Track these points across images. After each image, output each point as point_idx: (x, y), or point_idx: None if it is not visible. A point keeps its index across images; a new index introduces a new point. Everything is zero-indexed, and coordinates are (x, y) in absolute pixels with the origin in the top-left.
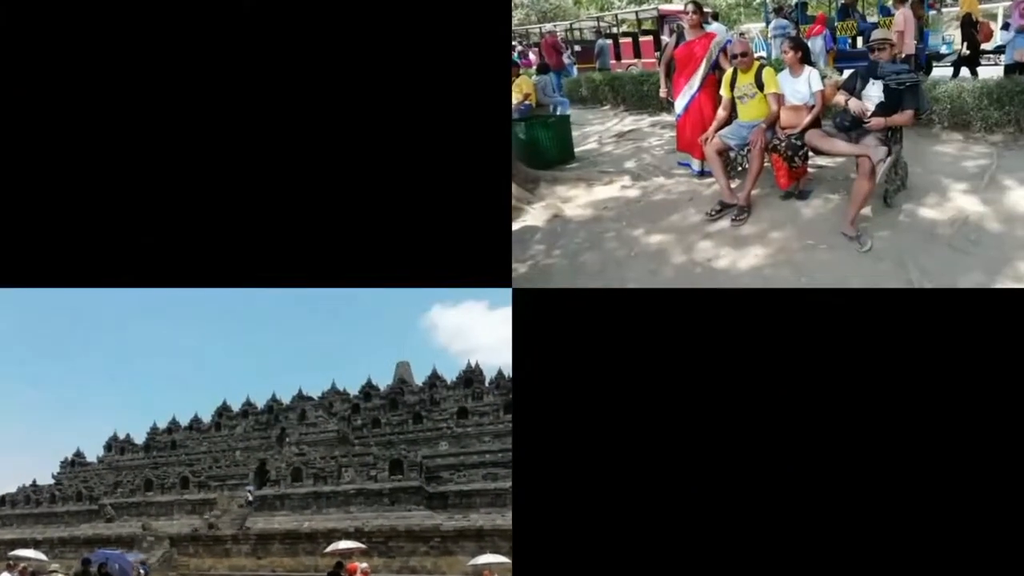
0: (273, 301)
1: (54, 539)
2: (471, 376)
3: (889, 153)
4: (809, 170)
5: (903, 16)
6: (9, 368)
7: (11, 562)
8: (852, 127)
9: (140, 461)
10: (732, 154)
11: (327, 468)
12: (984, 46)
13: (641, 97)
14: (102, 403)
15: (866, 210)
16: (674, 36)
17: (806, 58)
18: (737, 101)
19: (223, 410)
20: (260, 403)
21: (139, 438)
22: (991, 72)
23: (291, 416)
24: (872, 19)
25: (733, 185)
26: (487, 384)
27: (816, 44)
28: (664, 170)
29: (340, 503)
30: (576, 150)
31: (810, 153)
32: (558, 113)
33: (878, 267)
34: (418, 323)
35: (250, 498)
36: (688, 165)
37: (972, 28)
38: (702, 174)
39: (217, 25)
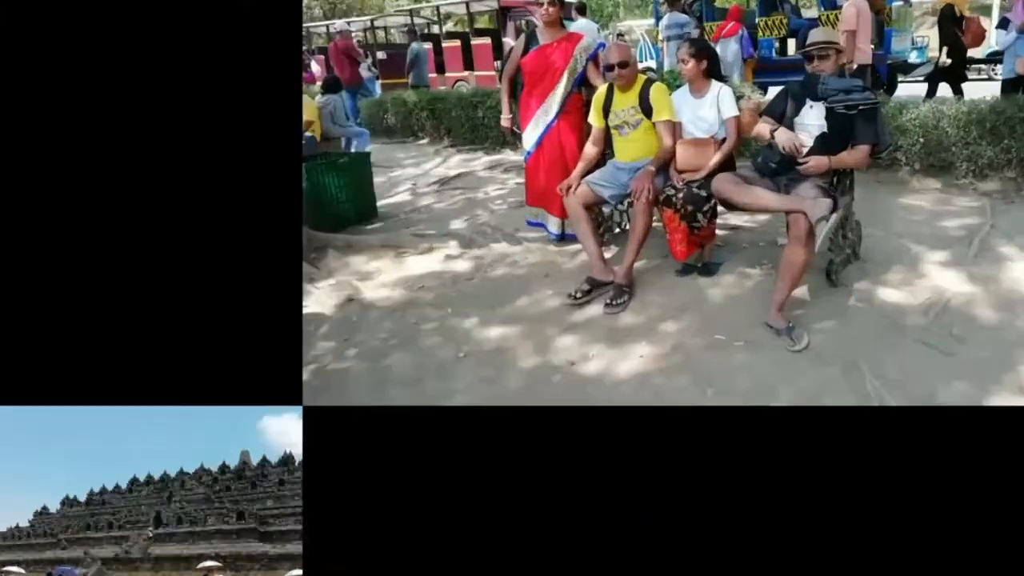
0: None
1: (29, 560)
2: (287, 459)
3: (834, 208)
4: (718, 233)
5: (855, 9)
6: None
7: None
8: (781, 170)
9: (82, 512)
10: (607, 209)
11: (198, 517)
12: (972, 52)
13: (474, 127)
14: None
15: (802, 291)
16: (522, 38)
17: (714, 70)
18: (614, 132)
19: (134, 481)
20: (156, 476)
21: (83, 497)
22: (982, 90)
23: (175, 484)
24: (810, 13)
25: (608, 254)
26: (298, 463)
27: (729, 49)
28: (507, 232)
29: (206, 538)
30: (380, 203)
31: (719, 208)
32: (354, 150)
33: (819, 374)
34: (256, 426)
35: (150, 535)
36: (542, 225)
37: (955, 27)
38: (562, 238)
39: None
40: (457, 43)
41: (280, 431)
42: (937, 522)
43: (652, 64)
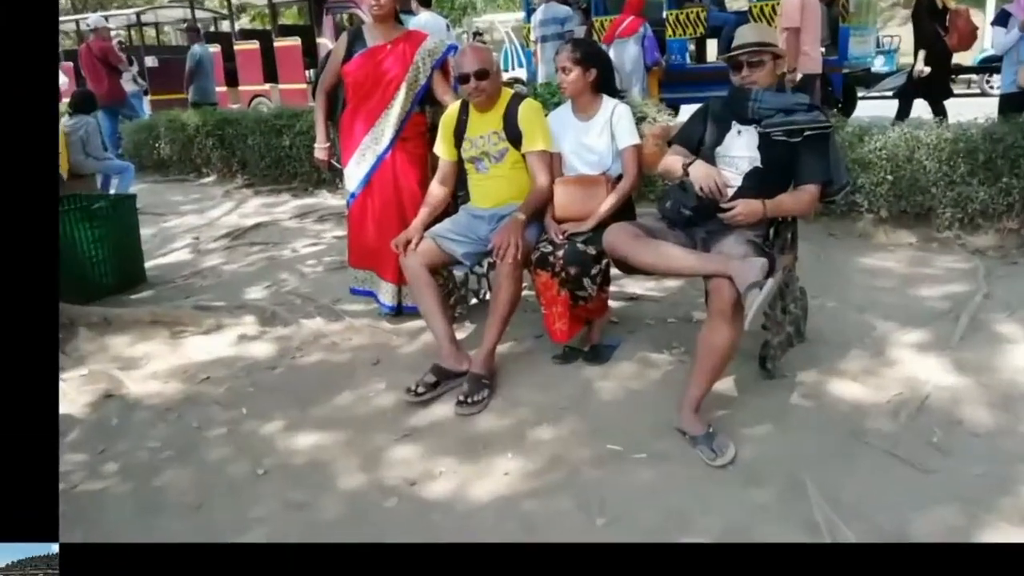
0: None
1: None
2: None
3: (771, 271)
4: (611, 305)
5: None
6: None
7: None
8: (698, 219)
9: None
10: (459, 273)
11: None
12: (959, 57)
13: (278, 160)
14: None
15: (727, 384)
16: (344, 38)
17: (606, 82)
18: (469, 168)
19: None
20: None
21: None
22: (973, 108)
23: None
24: (737, 4)
25: (461, 334)
26: None
27: (626, 53)
28: (323, 305)
29: None
30: (149, 264)
31: (613, 271)
32: (113, 191)
33: (751, 498)
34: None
35: None
36: (371, 295)
37: (936, 23)
38: (399, 312)
39: None
40: (255, 45)
41: None
42: None
43: (521, 74)
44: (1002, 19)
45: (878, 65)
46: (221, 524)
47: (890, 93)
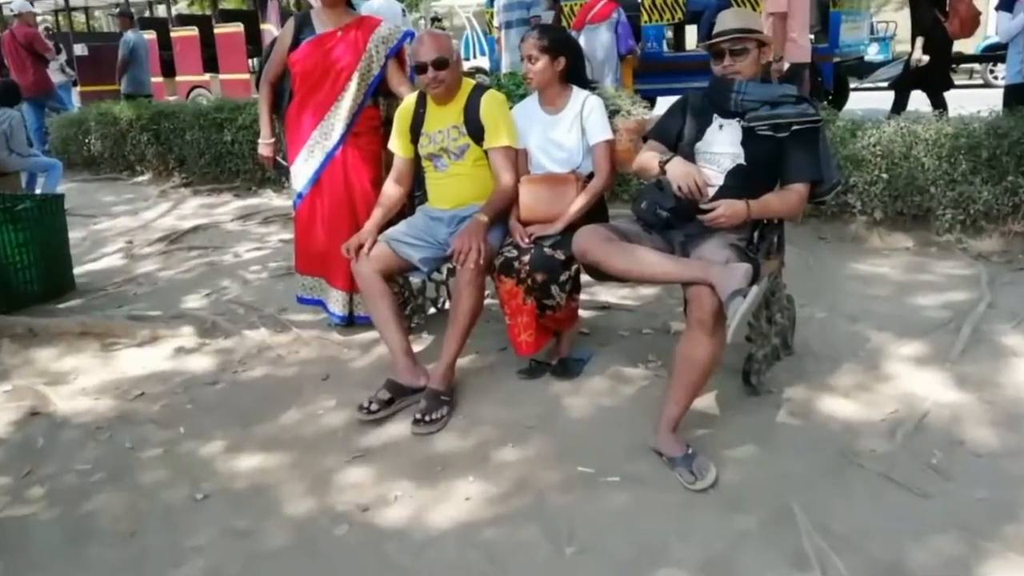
0: None
1: None
2: None
3: (755, 278)
4: (582, 315)
5: None
6: None
7: None
8: (676, 221)
9: None
10: (416, 280)
11: None
12: (960, 45)
13: (219, 157)
14: None
15: (708, 401)
16: (290, 24)
17: (576, 72)
18: (427, 165)
19: None
20: None
21: None
22: (976, 101)
23: None
24: None
25: (418, 347)
26: None
27: (598, 41)
28: (268, 315)
29: None
30: (79, 271)
31: (584, 277)
32: (39, 190)
33: (733, 525)
34: None
35: None
36: (320, 304)
37: (936, 8)
38: (350, 322)
39: None
40: (194, 32)
41: None
42: None
43: (484, 63)
44: (1007, 3)
45: (872, 53)
46: (156, 553)
47: (885, 84)
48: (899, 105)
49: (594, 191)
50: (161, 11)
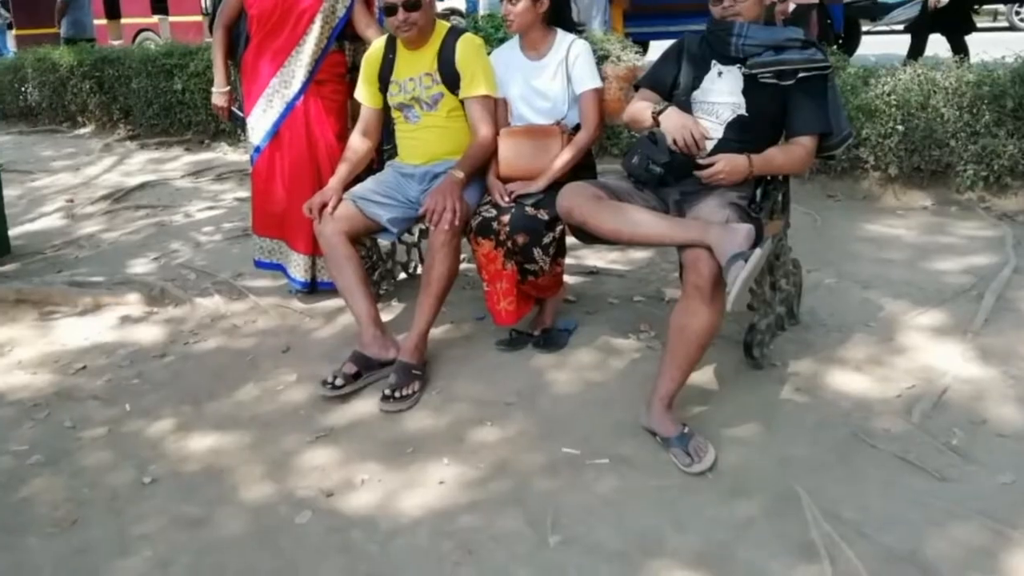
0: None
1: None
2: None
3: (757, 241)
4: (567, 281)
5: None
6: None
7: None
8: (671, 178)
9: None
10: (385, 242)
11: None
12: None
13: (168, 107)
14: None
15: (707, 375)
16: None
17: (560, 14)
18: (397, 116)
19: None
20: None
21: None
22: (999, 46)
23: None
24: None
25: (387, 316)
26: None
27: None
28: (222, 281)
29: None
30: (14, 232)
31: (570, 240)
32: None
33: (735, 511)
34: None
35: None
36: (279, 268)
37: None
38: (312, 289)
39: None
40: None
41: None
42: None
43: (459, 4)
44: None
45: None
46: (99, 543)
47: (901, 27)
48: (916, 50)
49: (581, 145)
50: None
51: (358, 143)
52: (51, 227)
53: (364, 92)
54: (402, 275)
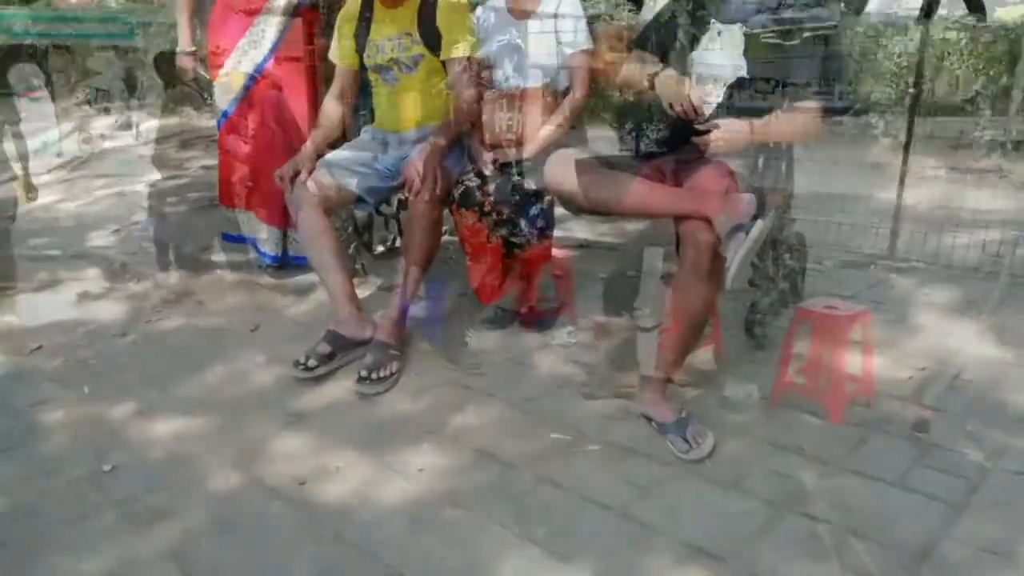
0: None
1: None
2: None
3: (759, 212)
4: (556, 255)
5: None
6: None
7: None
8: (667, 146)
9: None
10: (361, 213)
11: None
12: None
13: (129, 70)
14: None
15: (704, 357)
16: None
17: None
18: (374, 78)
19: None
20: None
21: None
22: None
23: None
24: None
25: (363, 292)
26: None
27: None
28: (186, 254)
29: None
30: None
31: (558, 211)
32: None
33: (735, 505)
34: None
35: None
36: (248, 241)
37: None
38: (283, 263)
39: None
40: None
41: None
42: None
43: None
44: None
45: None
46: (54, 536)
47: None
48: (927, 8)
49: (570, 110)
50: None
51: (332, 108)
52: (4, 198)
53: (339, 52)
54: (379, 249)
